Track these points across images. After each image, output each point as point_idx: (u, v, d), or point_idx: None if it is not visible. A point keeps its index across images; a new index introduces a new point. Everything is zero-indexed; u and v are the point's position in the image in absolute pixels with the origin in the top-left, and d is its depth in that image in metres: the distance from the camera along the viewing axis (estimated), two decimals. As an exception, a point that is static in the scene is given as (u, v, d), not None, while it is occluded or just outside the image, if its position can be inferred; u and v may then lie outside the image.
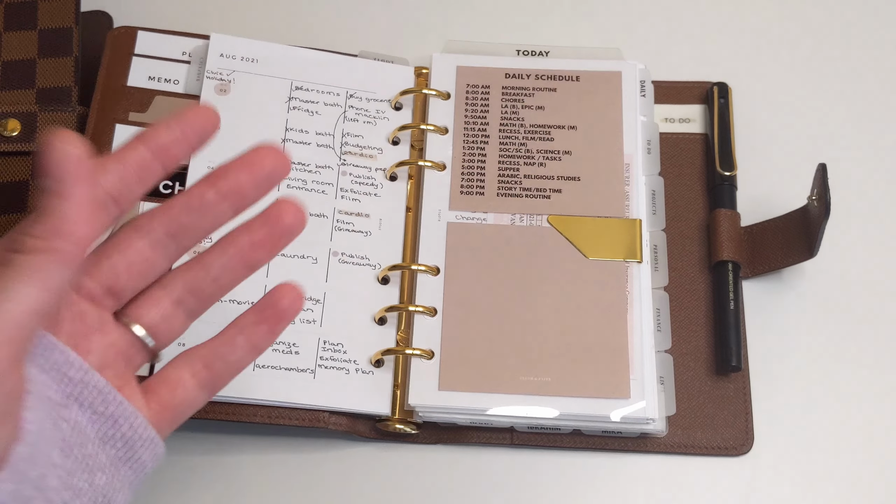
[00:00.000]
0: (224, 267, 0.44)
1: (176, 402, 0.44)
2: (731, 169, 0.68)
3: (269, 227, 0.45)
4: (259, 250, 0.45)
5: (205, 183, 0.44)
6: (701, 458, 0.62)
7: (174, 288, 0.44)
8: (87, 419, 0.40)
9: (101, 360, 0.41)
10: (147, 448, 0.42)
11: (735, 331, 0.64)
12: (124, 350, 0.43)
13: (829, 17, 0.76)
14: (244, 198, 0.44)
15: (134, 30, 0.70)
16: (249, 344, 0.45)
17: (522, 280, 0.63)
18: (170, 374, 0.44)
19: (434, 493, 0.61)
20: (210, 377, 0.45)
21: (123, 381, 0.42)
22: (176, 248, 0.44)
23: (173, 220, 0.44)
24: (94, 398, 0.40)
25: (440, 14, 0.76)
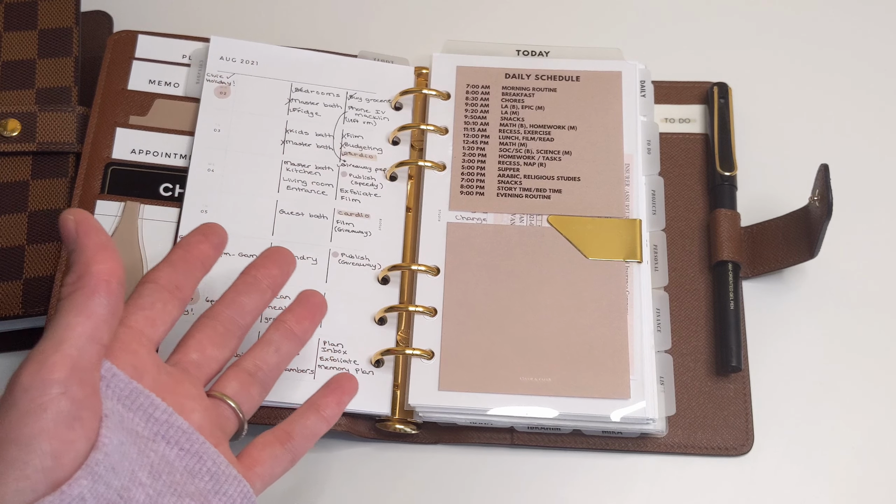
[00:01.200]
0: (281, 339, 0.55)
1: (265, 458, 0.52)
2: (731, 169, 0.68)
3: (302, 306, 0.57)
4: (302, 322, 0.56)
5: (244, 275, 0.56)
6: (701, 458, 0.62)
7: (247, 365, 0.54)
8: (174, 454, 0.47)
9: (200, 423, 0.49)
10: (233, 485, 0.48)
11: (735, 331, 0.64)
12: (217, 417, 0.51)
13: (829, 17, 0.76)
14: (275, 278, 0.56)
15: (134, 34, 0.70)
16: (322, 416, 0.55)
17: (522, 280, 0.63)
18: (259, 440, 0.53)
19: (434, 493, 0.61)
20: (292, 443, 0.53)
21: (217, 440, 0.50)
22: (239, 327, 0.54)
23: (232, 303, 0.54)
24: (179, 436, 0.47)
25: (440, 14, 0.76)
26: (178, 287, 0.52)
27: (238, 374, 0.54)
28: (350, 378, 0.57)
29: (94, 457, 0.42)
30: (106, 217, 0.64)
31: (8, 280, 0.63)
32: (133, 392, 0.46)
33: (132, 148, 0.66)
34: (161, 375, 0.49)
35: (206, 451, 0.48)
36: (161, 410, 0.47)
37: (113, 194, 0.65)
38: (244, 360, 0.55)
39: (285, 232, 0.64)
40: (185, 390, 0.50)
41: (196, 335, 0.53)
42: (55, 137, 0.66)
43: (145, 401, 0.46)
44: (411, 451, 0.62)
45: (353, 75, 0.69)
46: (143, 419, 0.46)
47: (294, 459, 0.53)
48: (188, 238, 0.55)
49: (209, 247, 0.54)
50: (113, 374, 0.46)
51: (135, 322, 0.49)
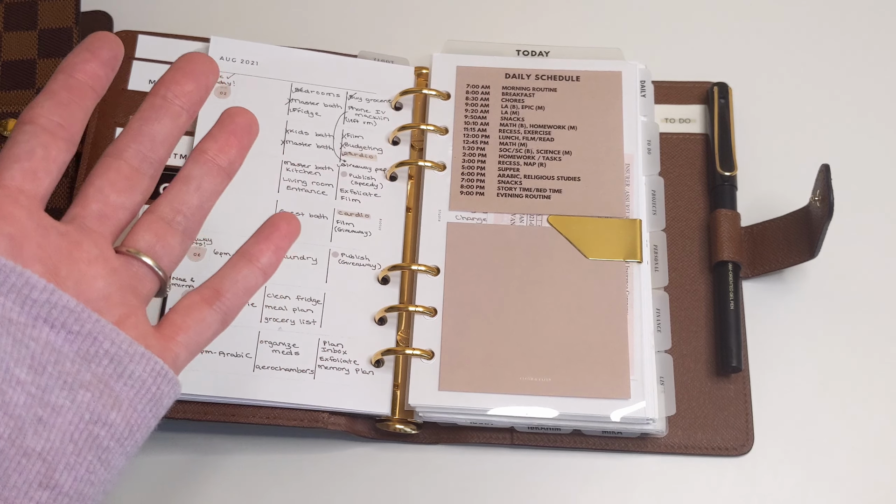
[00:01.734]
0: (202, 174, 0.47)
1: (189, 323, 0.45)
2: (731, 169, 0.68)
3: (227, 130, 0.48)
4: (227, 150, 0.48)
5: (151, 95, 0.47)
6: (701, 459, 0.62)
7: (163, 210, 0.46)
8: (62, 339, 0.40)
9: (105, 291, 0.42)
10: (140, 364, 0.41)
11: (735, 331, 0.64)
12: (129, 279, 0.44)
13: (830, 17, 0.76)
14: (189, 96, 0.47)
15: (134, 34, 0.70)
16: (256, 266, 0.47)
17: (522, 280, 0.63)
18: (182, 302, 0.46)
19: (434, 493, 0.61)
20: (222, 301, 0.46)
21: (131, 309, 0.43)
22: (150, 164, 0.46)
23: (137, 134, 0.46)
24: (65, 317, 0.40)
25: (440, 14, 0.76)
26: (61, 125, 0.44)
27: (152, 223, 0.46)
28: (288, 217, 0.49)
29: None
30: (106, 217, 0.64)
31: None
32: (1, 270, 0.39)
33: (132, 148, 0.66)
34: (51, 239, 0.42)
35: (101, 330, 0.41)
36: (39, 290, 0.39)
37: (113, 194, 0.65)
38: (159, 205, 0.46)
39: (285, 232, 0.64)
40: (85, 252, 0.43)
41: (95, 181, 0.45)
42: (55, 137, 0.66)
43: (18, 280, 0.39)
44: (411, 451, 0.62)
45: (353, 75, 0.69)
46: (18, 302, 0.39)
47: (226, 320, 0.47)
48: (71, 58, 0.45)
49: (98, 65, 0.45)
50: None
51: (9, 179, 0.42)
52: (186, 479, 0.61)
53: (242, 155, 0.48)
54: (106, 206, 0.44)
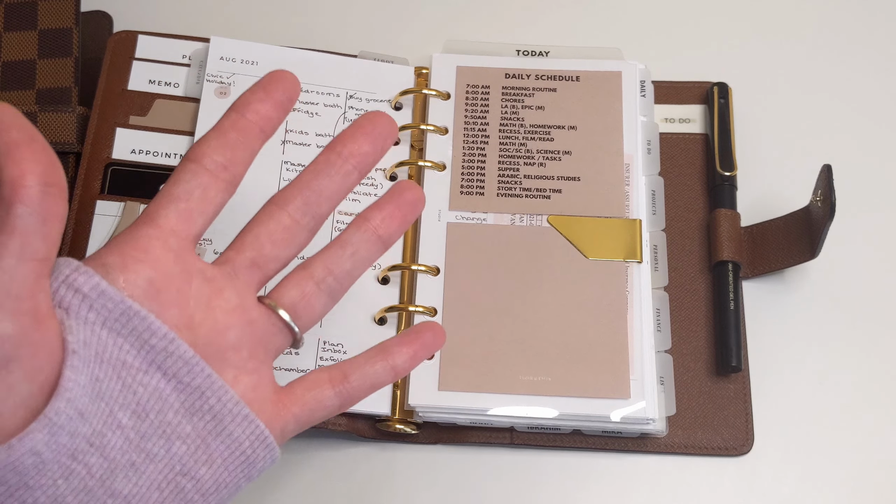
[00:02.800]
0: (360, 241, 0.46)
1: (307, 399, 0.45)
2: (731, 169, 0.68)
3: (394, 203, 0.47)
4: (390, 222, 0.47)
5: (327, 150, 0.46)
6: (701, 458, 0.62)
7: (315, 269, 0.46)
8: (170, 388, 0.40)
9: (236, 340, 0.42)
10: (240, 426, 0.41)
11: (735, 331, 0.64)
12: (264, 332, 0.44)
13: (829, 17, 0.76)
14: (364, 157, 0.46)
15: (134, 34, 0.70)
16: (389, 365, 0.47)
17: (522, 280, 0.63)
18: (309, 376, 0.46)
19: (434, 493, 0.61)
20: (346, 386, 0.46)
21: (259, 362, 0.43)
22: (312, 217, 0.45)
23: (305, 187, 0.45)
24: (178, 367, 0.40)
25: (440, 14, 0.76)
26: (225, 166, 0.43)
27: (301, 281, 0.45)
28: (436, 328, 0.48)
29: (53, 405, 0.36)
30: (106, 217, 0.64)
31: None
32: (125, 313, 0.39)
33: (132, 148, 0.66)
34: (193, 283, 0.42)
35: (210, 386, 0.41)
36: (159, 336, 0.40)
37: (113, 195, 0.65)
38: (312, 263, 0.46)
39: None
40: (225, 301, 0.43)
41: (255, 228, 0.45)
42: (55, 138, 0.66)
43: (140, 324, 0.39)
44: (411, 451, 0.62)
45: (353, 75, 0.69)
46: (136, 346, 0.40)
47: (343, 406, 0.46)
48: (246, 96, 0.45)
49: (271, 106, 0.45)
50: (100, 292, 0.39)
51: (164, 219, 0.42)
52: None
53: (403, 229, 0.48)
54: (259, 256, 0.44)
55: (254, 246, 0.44)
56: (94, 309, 0.39)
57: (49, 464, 0.37)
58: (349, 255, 0.46)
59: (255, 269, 0.44)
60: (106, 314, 0.39)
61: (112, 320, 0.39)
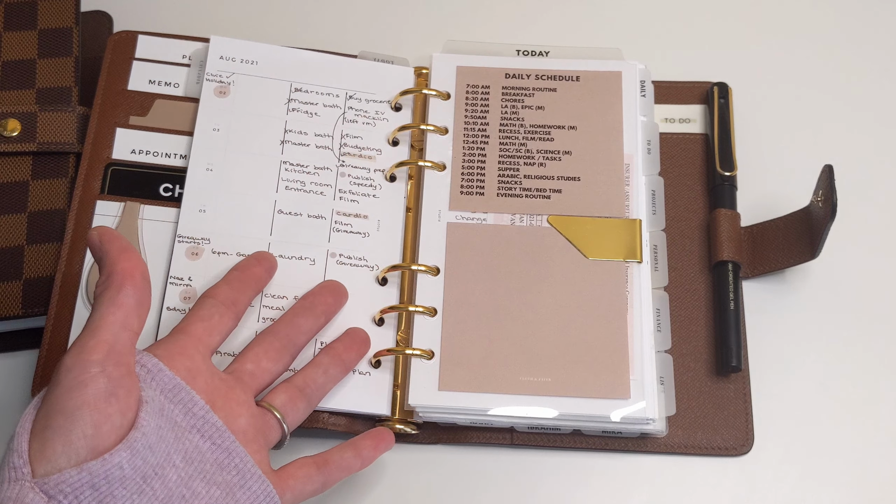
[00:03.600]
0: (329, 363, 0.60)
1: (299, 475, 0.56)
2: (731, 169, 0.68)
3: (350, 338, 0.62)
4: (350, 351, 0.61)
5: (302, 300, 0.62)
6: (701, 458, 0.62)
7: (297, 381, 0.59)
8: (206, 446, 0.52)
9: (244, 428, 0.54)
10: (258, 483, 0.53)
11: (735, 331, 0.64)
12: (262, 426, 0.56)
13: (829, 17, 0.76)
14: (329, 305, 0.62)
15: (134, 34, 0.70)
16: (358, 454, 0.58)
17: (522, 280, 0.63)
18: (297, 460, 0.57)
19: (434, 493, 0.61)
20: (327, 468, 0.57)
21: (258, 447, 0.55)
22: (294, 346, 0.59)
23: (289, 323, 0.60)
24: (212, 432, 0.52)
25: (440, 14, 0.76)
26: (234, 302, 0.58)
27: (288, 389, 0.58)
28: (389, 433, 0.60)
29: (133, 434, 0.47)
30: (106, 217, 0.64)
31: (8, 280, 0.63)
32: (176, 387, 0.52)
33: (132, 148, 0.66)
34: (214, 380, 0.54)
35: (235, 449, 0.52)
36: (199, 407, 0.52)
37: (113, 194, 0.65)
38: (295, 377, 0.59)
39: (283, 232, 0.64)
40: (236, 396, 0.55)
41: (254, 348, 0.58)
42: (55, 137, 0.66)
43: (185, 396, 0.52)
44: (411, 451, 0.62)
45: (353, 76, 0.69)
46: (183, 412, 0.51)
47: (325, 484, 0.57)
48: (244, 262, 0.61)
49: (262, 270, 0.61)
50: (159, 369, 0.51)
51: (194, 330, 0.55)
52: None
53: (359, 358, 0.62)
54: (257, 368, 0.57)
55: (253, 360, 0.58)
56: (155, 380, 0.51)
57: (129, 480, 0.47)
58: (322, 371, 0.59)
59: (254, 378, 0.57)
60: (163, 385, 0.51)
61: (167, 390, 0.51)
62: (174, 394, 0.51)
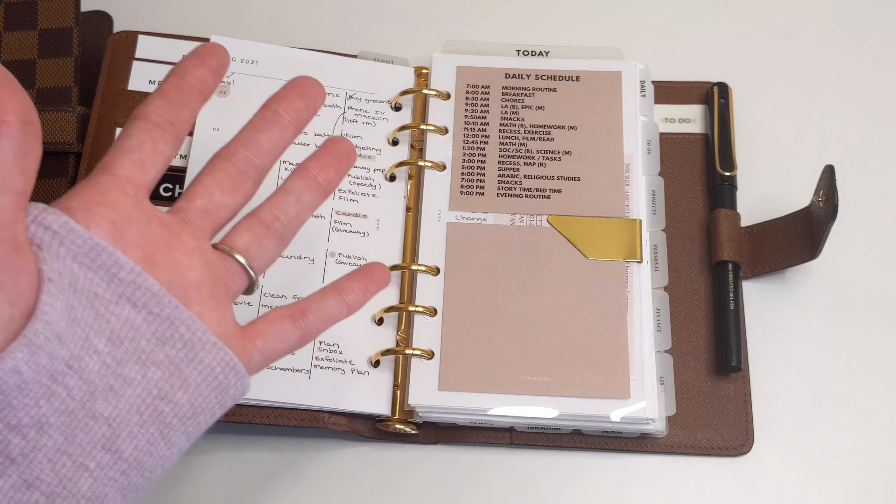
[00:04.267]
0: (303, 188, 0.51)
1: (269, 332, 0.48)
2: (731, 169, 0.68)
3: (329, 154, 0.52)
4: (328, 170, 0.52)
5: (263, 108, 0.51)
6: (701, 458, 0.62)
7: (263, 214, 0.49)
8: (141, 318, 0.43)
9: (197, 282, 0.45)
10: (210, 352, 0.44)
11: (735, 331, 0.64)
12: (221, 274, 0.47)
13: (829, 17, 0.76)
14: (299, 112, 0.51)
15: (134, 34, 0.70)
16: (343, 299, 0.51)
17: (522, 280, 0.63)
18: (269, 313, 0.49)
19: (434, 493, 0.61)
20: (304, 320, 0.49)
21: (217, 301, 0.46)
22: (255, 169, 0.49)
23: (247, 141, 0.49)
24: (147, 299, 0.43)
25: (440, 14, 0.76)
26: (171, 122, 0.47)
27: (252, 225, 0.49)
28: (381, 268, 0.53)
29: (31, 327, 0.38)
30: (106, 217, 0.64)
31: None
32: (93, 249, 0.42)
33: (132, 148, 0.66)
34: (152, 226, 0.45)
35: (178, 316, 0.44)
36: (127, 270, 0.43)
37: (113, 194, 0.65)
38: (260, 210, 0.50)
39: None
40: (183, 243, 0.46)
41: (203, 179, 0.48)
42: (55, 137, 0.66)
43: (108, 259, 0.42)
44: (411, 451, 0.62)
45: (353, 76, 0.69)
46: (105, 279, 0.42)
47: (303, 339, 0.50)
48: (182, 63, 0.49)
49: (206, 71, 0.49)
50: (69, 229, 0.42)
51: (119, 168, 0.45)
52: (186, 478, 0.61)
53: (340, 177, 0.52)
54: (210, 203, 0.47)
55: (204, 194, 0.48)
56: (64, 244, 0.41)
57: (30, 384, 0.38)
58: (294, 200, 0.50)
59: (207, 216, 0.47)
60: (76, 250, 0.41)
61: (82, 255, 0.42)
62: (92, 258, 0.42)
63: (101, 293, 0.42)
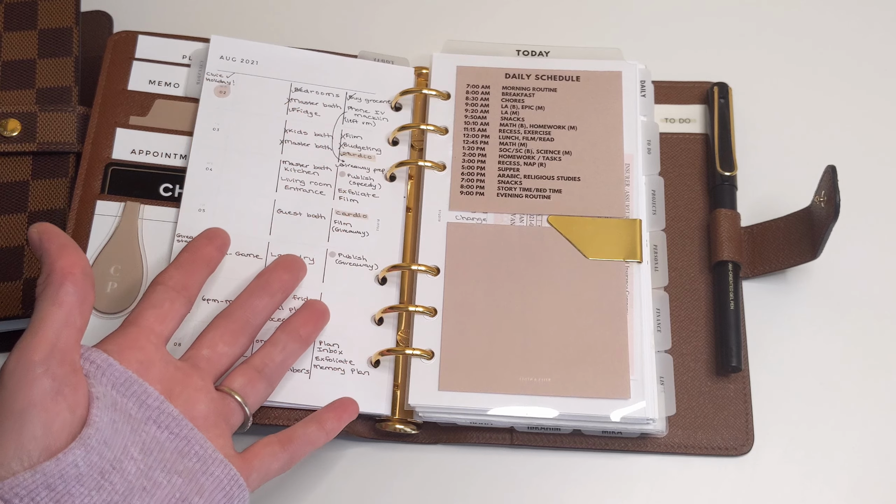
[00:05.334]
0: (287, 339, 0.60)
1: (264, 454, 0.55)
2: (731, 169, 0.68)
3: (307, 312, 0.61)
4: (307, 325, 0.61)
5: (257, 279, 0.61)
6: (701, 458, 0.62)
7: (255, 362, 0.58)
8: (165, 436, 0.51)
9: (205, 413, 0.54)
10: (220, 467, 0.52)
11: (735, 331, 0.64)
12: (223, 410, 0.56)
13: (829, 17, 0.76)
14: (285, 283, 0.61)
15: (134, 34, 0.70)
16: (322, 428, 0.58)
17: (522, 280, 0.63)
18: (262, 440, 0.56)
19: (434, 493, 0.61)
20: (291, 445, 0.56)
21: (220, 431, 0.55)
22: (251, 327, 0.59)
23: (244, 305, 0.59)
24: (169, 422, 0.52)
25: (440, 14, 0.76)
26: (185, 287, 0.57)
27: (246, 371, 0.58)
28: (353, 402, 0.60)
29: (86, 431, 0.47)
30: (106, 217, 0.64)
31: (8, 280, 0.63)
32: (127, 381, 0.51)
33: (132, 148, 0.66)
34: (169, 368, 0.54)
35: (194, 436, 0.52)
36: (153, 398, 0.52)
37: (113, 194, 0.65)
38: (253, 358, 0.59)
39: (283, 231, 0.64)
40: (193, 383, 0.55)
41: (210, 333, 0.58)
42: (55, 137, 0.66)
43: (138, 388, 0.51)
44: (411, 451, 0.62)
45: (353, 75, 0.69)
46: (136, 404, 0.51)
47: (291, 460, 0.56)
48: (194, 242, 0.60)
49: (213, 249, 0.60)
50: (109, 364, 0.51)
51: (144, 320, 0.55)
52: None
53: (317, 332, 0.61)
54: (213, 353, 0.57)
55: (209, 345, 0.57)
56: (105, 375, 0.50)
57: (85, 477, 0.47)
58: (280, 349, 0.59)
59: (211, 363, 0.57)
60: (114, 380, 0.51)
61: (119, 384, 0.51)
62: (126, 387, 0.51)
63: (133, 414, 0.51)
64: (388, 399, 0.61)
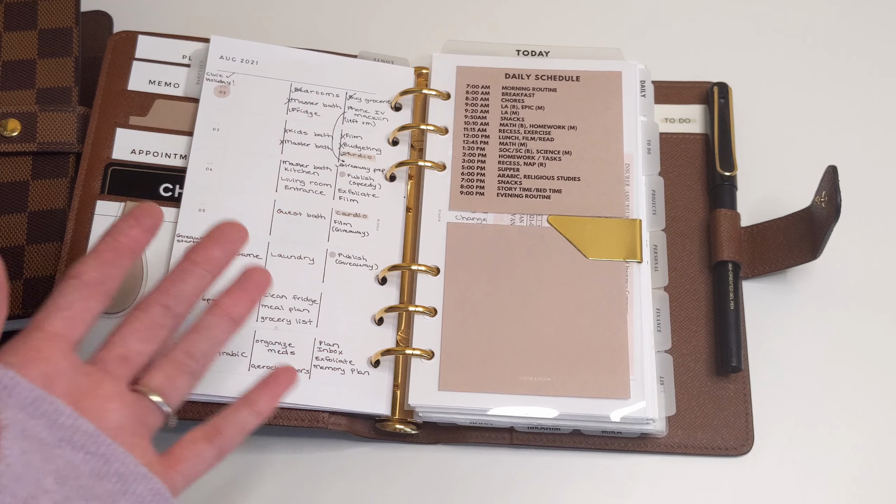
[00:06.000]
0: (214, 324, 0.54)
1: (188, 456, 0.51)
2: (731, 169, 0.68)
3: (241, 286, 0.55)
4: (239, 304, 0.54)
5: (184, 259, 0.54)
6: (701, 458, 0.62)
7: (175, 355, 0.53)
8: (80, 458, 0.47)
9: (119, 421, 0.49)
10: (141, 483, 0.48)
11: (735, 331, 0.64)
12: (140, 413, 0.50)
13: (830, 18, 0.76)
14: (216, 261, 0.54)
15: (134, 34, 0.70)
16: (254, 410, 0.53)
17: (522, 280, 0.63)
18: (186, 436, 0.52)
19: (434, 493, 0.61)
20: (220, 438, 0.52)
21: (139, 438, 0.50)
22: (172, 317, 0.53)
23: (165, 293, 0.53)
24: (84, 440, 0.47)
25: (440, 14, 0.76)
26: (101, 282, 0.51)
27: (165, 366, 0.52)
28: (288, 371, 0.55)
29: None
30: (106, 217, 0.64)
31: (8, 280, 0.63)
32: (36, 399, 0.47)
33: (132, 148, 0.66)
34: (78, 377, 0.49)
35: (112, 453, 0.48)
36: (66, 416, 0.47)
37: (113, 194, 0.65)
38: (174, 350, 0.53)
39: (283, 231, 0.64)
40: (104, 391, 0.50)
41: (122, 330, 0.52)
42: (55, 137, 0.66)
43: (49, 407, 0.47)
44: (411, 451, 0.62)
45: (353, 75, 0.69)
46: (47, 425, 0.47)
47: (220, 455, 0.52)
48: (119, 223, 0.53)
49: (140, 231, 0.53)
50: (16, 382, 0.47)
51: (51, 326, 0.50)
52: (186, 478, 0.61)
53: (252, 306, 0.55)
54: (127, 351, 0.51)
55: (121, 344, 0.51)
56: (12, 396, 0.46)
57: None
58: (205, 337, 0.53)
59: (124, 363, 0.51)
60: (22, 401, 0.46)
61: (27, 405, 0.46)
62: (35, 407, 0.47)
63: (45, 438, 0.46)
64: (387, 399, 0.61)
